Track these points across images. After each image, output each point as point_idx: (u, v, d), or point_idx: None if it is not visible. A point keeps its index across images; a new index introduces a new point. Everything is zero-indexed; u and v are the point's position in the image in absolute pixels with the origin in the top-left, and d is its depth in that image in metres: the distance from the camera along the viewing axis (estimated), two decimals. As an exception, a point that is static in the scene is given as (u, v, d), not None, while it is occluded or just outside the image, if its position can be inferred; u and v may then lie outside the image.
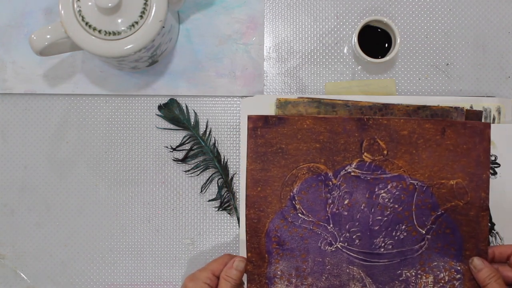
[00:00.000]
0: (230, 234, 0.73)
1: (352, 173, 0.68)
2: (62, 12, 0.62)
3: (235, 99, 0.74)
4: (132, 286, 0.73)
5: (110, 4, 0.61)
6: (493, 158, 0.71)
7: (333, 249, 0.68)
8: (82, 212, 0.73)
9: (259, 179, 0.68)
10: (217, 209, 0.73)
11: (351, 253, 0.68)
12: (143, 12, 0.63)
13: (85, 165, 0.73)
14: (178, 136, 0.73)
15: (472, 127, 0.67)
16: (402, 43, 0.74)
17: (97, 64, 0.73)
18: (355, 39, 0.71)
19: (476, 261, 0.66)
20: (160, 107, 0.73)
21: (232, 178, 0.73)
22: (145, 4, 0.63)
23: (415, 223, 0.67)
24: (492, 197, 0.70)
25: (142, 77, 0.73)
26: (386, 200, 0.67)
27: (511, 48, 0.75)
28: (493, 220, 0.71)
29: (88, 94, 0.73)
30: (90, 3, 0.62)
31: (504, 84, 0.75)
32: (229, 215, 0.73)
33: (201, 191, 0.73)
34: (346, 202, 0.68)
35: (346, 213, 0.68)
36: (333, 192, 0.68)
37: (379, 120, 0.67)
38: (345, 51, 0.74)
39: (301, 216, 0.68)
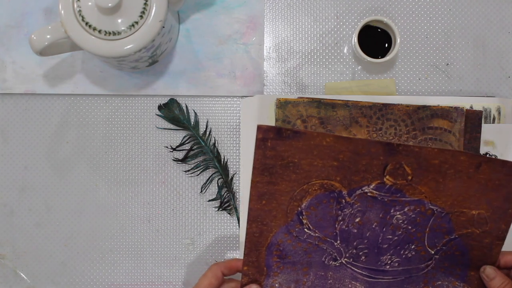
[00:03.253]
0: (230, 234, 0.73)
1: (369, 194, 0.63)
2: (62, 12, 0.62)
3: (235, 99, 0.74)
4: (132, 286, 0.73)
5: (110, 4, 0.61)
6: (493, 158, 0.71)
7: (337, 264, 0.64)
8: (82, 212, 0.73)
9: (265, 192, 0.61)
10: (217, 209, 0.73)
11: (355, 269, 0.65)
12: (143, 12, 0.63)
13: (85, 165, 0.73)
14: (178, 136, 0.73)
15: (511, 166, 0.62)
16: (402, 43, 0.74)
17: (97, 64, 0.73)
18: (355, 39, 0.71)
19: (489, 270, 0.64)
20: (160, 107, 0.73)
21: (232, 178, 0.73)
22: (145, 4, 0.63)
23: (426, 244, 0.64)
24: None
25: (142, 77, 0.73)
26: (401, 221, 0.64)
27: (511, 48, 0.75)
28: (493, 220, 0.70)
29: (88, 94, 0.73)
30: (90, 3, 0.62)
31: (504, 84, 0.75)
32: (229, 215, 0.73)
33: (201, 191, 0.73)
34: (357, 220, 0.63)
35: (355, 231, 0.64)
36: (345, 210, 0.63)
37: (410, 147, 0.61)
38: (345, 51, 0.74)
39: (307, 231, 0.63)
